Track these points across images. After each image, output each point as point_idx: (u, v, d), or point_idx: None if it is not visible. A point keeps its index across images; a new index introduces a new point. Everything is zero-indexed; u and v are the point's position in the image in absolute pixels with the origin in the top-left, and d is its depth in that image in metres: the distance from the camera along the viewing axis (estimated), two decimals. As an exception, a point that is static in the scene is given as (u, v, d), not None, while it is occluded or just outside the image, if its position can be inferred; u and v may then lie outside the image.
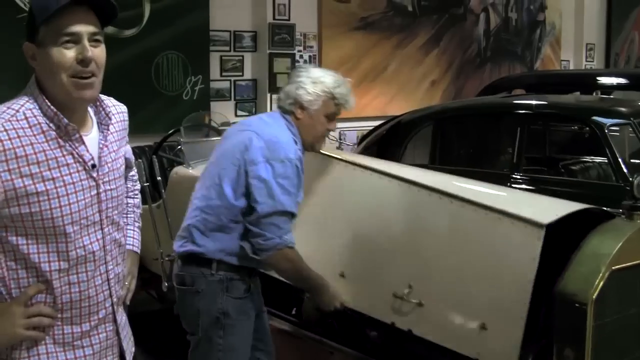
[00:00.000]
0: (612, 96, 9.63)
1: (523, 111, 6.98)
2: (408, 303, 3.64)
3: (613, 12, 17.77)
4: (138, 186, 3.19)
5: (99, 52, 2.49)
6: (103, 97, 2.68)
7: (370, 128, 8.42)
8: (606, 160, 6.22)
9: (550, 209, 3.36)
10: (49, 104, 2.48)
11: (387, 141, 7.68)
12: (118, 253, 2.68)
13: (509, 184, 6.35)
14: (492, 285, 3.33)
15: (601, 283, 2.96)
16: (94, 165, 2.54)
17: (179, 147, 6.16)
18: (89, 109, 2.64)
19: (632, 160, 6.57)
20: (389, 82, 13.11)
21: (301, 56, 12.06)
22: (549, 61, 16.64)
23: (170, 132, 6.95)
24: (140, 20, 10.05)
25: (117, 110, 2.80)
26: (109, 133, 2.66)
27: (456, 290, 3.50)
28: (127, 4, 9.54)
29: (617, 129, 6.46)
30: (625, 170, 6.02)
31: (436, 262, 3.63)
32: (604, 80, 10.05)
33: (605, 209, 3.54)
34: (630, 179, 5.88)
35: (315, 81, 3.94)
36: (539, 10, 16.36)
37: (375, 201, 4.00)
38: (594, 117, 6.39)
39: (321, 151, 4.24)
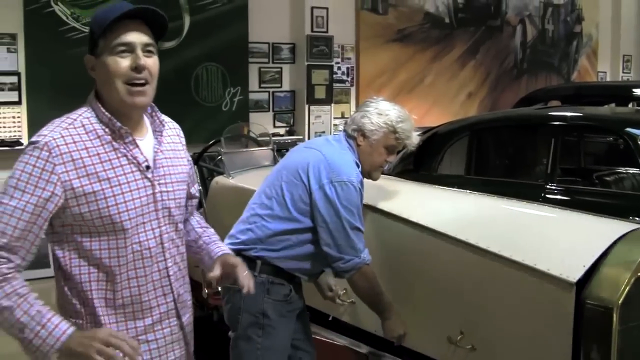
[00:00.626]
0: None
1: (558, 122, 7.03)
2: (461, 348, 3.78)
3: (650, 22, 17.81)
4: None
5: (152, 62, 2.67)
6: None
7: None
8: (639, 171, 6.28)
9: (582, 249, 3.42)
10: (104, 110, 2.67)
11: (424, 152, 7.74)
12: (177, 253, 2.83)
13: (543, 194, 6.42)
14: (536, 336, 3.42)
15: (627, 289, 3.05)
16: (148, 167, 2.71)
17: (219, 157, 6.28)
18: (145, 117, 2.82)
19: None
20: (425, 94, 13.28)
21: (339, 68, 12.23)
22: (585, 72, 16.70)
23: (211, 142, 7.09)
24: (180, 32, 10.27)
25: (172, 125, 2.98)
26: (162, 140, 2.83)
27: (502, 338, 3.61)
28: (167, 17, 9.80)
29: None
30: (655, 179, 6.12)
31: (482, 312, 3.73)
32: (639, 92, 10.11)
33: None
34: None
35: (380, 113, 4.03)
36: (575, 22, 16.43)
37: (422, 257, 4.08)
38: (627, 129, 6.44)
39: (384, 209, 4.31)
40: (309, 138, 11.64)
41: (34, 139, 2.60)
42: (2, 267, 2.50)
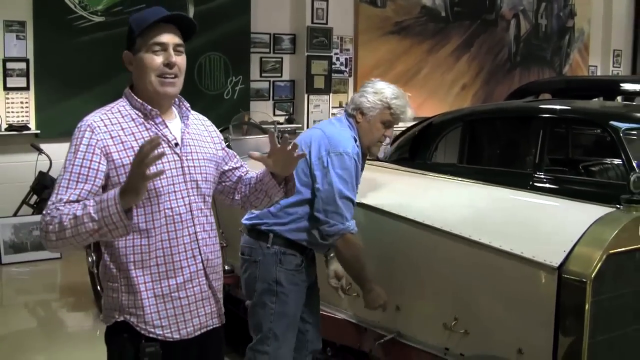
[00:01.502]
0: (635, 102, 10.03)
1: (546, 115, 7.35)
2: (456, 333, 4.15)
3: (640, 18, 18.13)
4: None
5: (181, 60, 3.10)
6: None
7: (403, 129, 8.79)
8: (622, 162, 6.61)
9: (562, 234, 3.73)
10: (137, 98, 3.08)
11: (419, 141, 8.04)
12: (206, 222, 3.17)
13: (531, 182, 6.74)
14: (523, 316, 3.77)
15: (599, 265, 3.42)
16: (176, 144, 3.10)
17: (228, 143, 6.62)
18: (173, 108, 3.21)
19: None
20: (421, 85, 13.61)
21: (337, 59, 12.57)
22: (577, 66, 17.02)
23: (220, 129, 7.44)
24: (185, 22, 10.57)
25: (198, 117, 3.38)
26: (189, 124, 3.22)
27: (494, 321, 3.94)
28: (171, 7, 10.06)
29: (634, 133, 6.85)
30: (637, 170, 6.46)
31: (474, 298, 4.05)
32: (627, 86, 10.44)
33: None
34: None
35: (376, 92, 4.37)
36: (568, 16, 16.75)
37: (417, 251, 4.36)
38: (611, 122, 6.78)
39: (378, 207, 4.61)
40: (307, 126, 11.96)
41: (79, 123, 3.03)
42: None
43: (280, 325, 4.27)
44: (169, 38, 3.04)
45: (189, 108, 3.26)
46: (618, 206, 3.84)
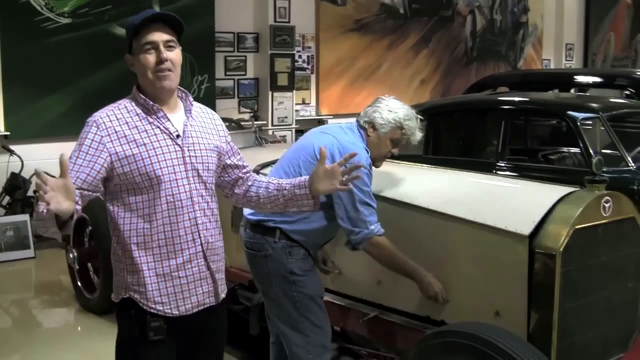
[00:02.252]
0: (587, 93, 10.41)
1: (507, 107, 7.68)
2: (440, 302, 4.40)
3: (591, 13, 18.68)
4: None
5: (173, 55, 3.30)
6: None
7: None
8: (579, 150, 6.93)
9: (531, 208, 4.06)
10: (140, 95, 3.33)
11: (385, 134, 8.35)
12: (207, 207, 3.41)
13: (494, 170, 7.05)
14: (499, 282, 4.08)
15: (567, 239, 3.78)
16: (178, 136, 3.33)
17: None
18: (179, 100, 3.45)
19: (601, 150, 7.36)
20: (382, 80, 13.94)
21: (300, 56, 12.83)
22: (531, 60, 17.45)
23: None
24: (150, 23, 10.71)
25: (207, 111, 3.61)
26: (192, 117, 3.45)
27: (472, 288, 4.25)
28: (137, 8, 10.20)
29: (589, 122, 7.19)
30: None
31: (454, 269, 4.34)
32: (581, 78, 10.82)
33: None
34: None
35: (390, 110, 4.47)
36: (522, 12, 17.16)
37: (399, 227, 4.57)
38: (569, 112, 7.11)
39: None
40: (272, 123, 12.24)
41: (88, 119, 3.28)
42: None
43: (311, 310, 4.40)
44: (158, 36, 3.25)
45: (192, 102, 3.48)
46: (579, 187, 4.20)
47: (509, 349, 3.44)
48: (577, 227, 3.86)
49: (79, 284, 7.43)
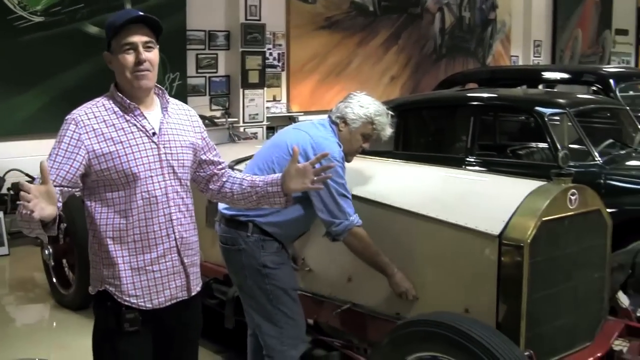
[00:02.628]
0: (555, 89, 10.58)
1: (475, 103, 7.82)
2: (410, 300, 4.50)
3: (559, 10, 18.86)
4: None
5: (151, 55, 3.39)
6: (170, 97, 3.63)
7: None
8: (547, 145, 7.07)
9: (501, 205, 4.16)
10: (118, 93, 3.41)
11: (356, 130, 8.44)
12: (182, 203, 3.50)
13: (463, 166, 7.17)
14: (469, 280, 4.18)
15: (534, 231, 3.88)
16: (154, 133, 3.42)
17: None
18: (156, 98, 3.53)
19: (569, 145, 7.50)
20: (352, 77, 14.00)
21: (271, 54, 12.87)
22: (499, 57, 17.59)
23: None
24: (122, 21, 10.72)
25: (184, 107, 3.69)
26: (169, 114, 3.52)
27: (442, 286, 4.35)
28: (109, 7, 10.27)
29: (557, 118, 7.33)
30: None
31: (424, 267, 4.44)
32: (548, 75, 10.99)
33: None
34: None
35: (362, 105, 4.58)
36: (490, 9, 17.30)
37: (368, 223, 4.58)
38: (536, 108, 7.25)
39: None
40: (243, 121, 12.31)
41: (67, 116, 3.37)
42: None
43: (284, 302, 4.50)
44: (137, 37, 3.33)
45: (169, 99, 3.57)
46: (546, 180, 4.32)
47: (479, 337, 3.54)
48: (544, 219, 3.98)
49: (54, 280, 7.48)
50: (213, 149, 3.74)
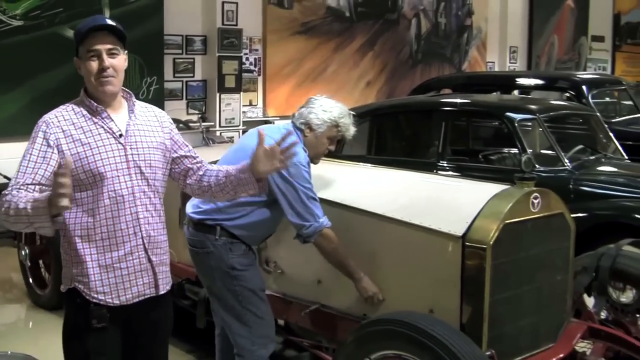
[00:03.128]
0: (530, 96, 10.70)
1: (448, 108, 7.93)
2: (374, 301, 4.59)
3: (535, 16, 19.01)
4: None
5: (116, 61, 3.49)
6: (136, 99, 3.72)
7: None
8: (517, 150, 7.18)
9: (465, 208, 4.25)
10: (86, 96, 3.53)
11: (330, 135, 8.53)
12: (149, 202, 3.58)
13: (435, 170, 7.27)
14: (433, 281, 4.25)
15: (497, 233, 3.97)
16: (121, 135, 3.52)
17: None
18: (123, 100, 3.64)
19: (541, 150, 7.62)
20: (328, 82, 14.08)
21: (247, 59, 12.93)
22: (475, 63, 17.71)
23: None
24: (100, 25, 10.75)
25: (152, 109, 3.78)
26: (135, 116, 3.62)
27: (407, 287, 4.43)
28: (88, 11, 10.38)
29: (527, 123, 7.45)
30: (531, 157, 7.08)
31: (390, 269, 4.52)
32: (522, 81, 11.12)
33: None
34: (535, 164, 6.93)
35: (325, 110, 4.65)
36: (466, 15, 17.42)
37: (334, 226, 4.65)
38: (507, 113, 7.37)
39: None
40: (220, 125, 12.35)
41: (39, 120, 3.48)
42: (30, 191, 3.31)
43: (253, 303, 4.60)
44: (101, 45, 3.44)
45: (135, 102, 3.66)
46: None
47: (441, 336, 3.63)
48: (506, 221, 4.06)
49: (31, 280, 7.54)
50: (185, 145, 3.81)
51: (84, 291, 3.49)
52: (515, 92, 10.91)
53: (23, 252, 7.35)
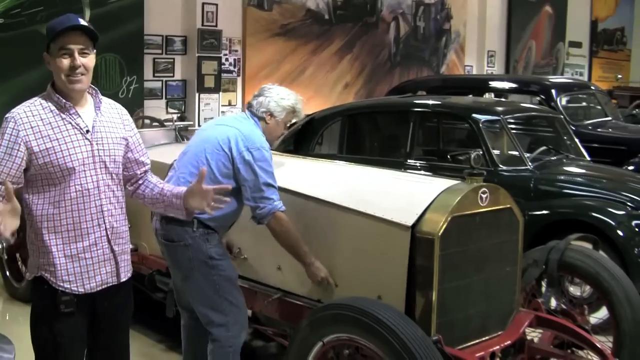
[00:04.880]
0: (505, 99, 10.92)
1: (416, 109, 8.14)
2: (329, 286, 4.81)
3: (513, 21, 19.26)
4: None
5: (86, 60, 3.64)
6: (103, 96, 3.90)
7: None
8: (481, 150, 7.40)
9: (416, 200, 4.47)
10: (54, 92, 3.69)
11: (302, 134, 8.71)
12: (112, 196, 3.78)
13: (403, 169, 7.45)
14: (383, 269, 4.48)
15: (445, 225, 4.19)
16: (88, 131, 3.69)
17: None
18: (90, 97, 3.81)
19: (508, 151, 7.85)
20: (307, 84, 14.20)
21: (227, 59, 13.04)
22: (454, 66, 17.89)
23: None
24: (81, 25, 10.86)
25: (115, 106, 3.97)
26: (101, 113, 3.79)
27: (358, 274, 4.66)
28: (68, 10, 10.36)
29: (491, 124, 7.67)
30: (494, 156, 7.34)
31: (342, 257, 4.76)
32: (495, 84, 11.36)
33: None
34: (498, 164, 7.16)
35: (283, 98, 5.05)
36: (445, 19, 17.58)
37: (293, 214, 4.91)
38: (473, 115, 7.60)
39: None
40: (199, 124, 12.44)
41: (6, 115, 3.64)
42: None
43: (229, 291, 4.84)
44: (73, 45, 3.61)
45: (102, 99, 3.85)
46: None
47: (387, 319, 3.85)
48: (454, 214, 4.28)
49: (7, 273, 7.71)
50: (141, 147, 4.01)
51: (50, 279, 3.68)
52: (488, 95, 11.16)
53: (0, 246, 7.45)
